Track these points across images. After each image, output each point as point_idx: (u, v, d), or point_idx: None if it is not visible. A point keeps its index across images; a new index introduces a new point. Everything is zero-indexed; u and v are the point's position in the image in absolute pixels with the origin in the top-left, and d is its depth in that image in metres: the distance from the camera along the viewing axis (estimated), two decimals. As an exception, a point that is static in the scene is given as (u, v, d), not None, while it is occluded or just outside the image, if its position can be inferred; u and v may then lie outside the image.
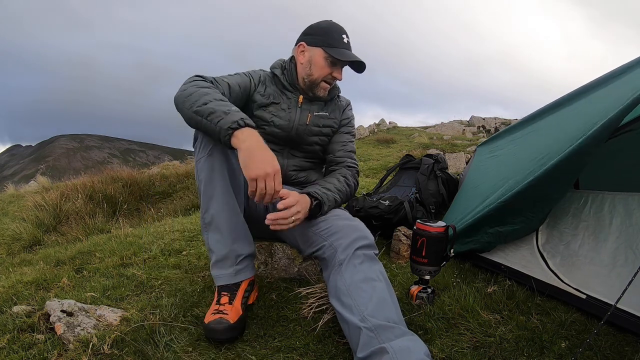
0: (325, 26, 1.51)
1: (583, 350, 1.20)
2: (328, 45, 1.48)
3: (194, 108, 1.24)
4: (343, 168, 1.59)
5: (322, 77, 1.51)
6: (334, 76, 1.52)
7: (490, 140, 2.91)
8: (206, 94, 1.27)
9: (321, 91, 1.55)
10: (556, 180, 1.55)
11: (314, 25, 1.53)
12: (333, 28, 1.50)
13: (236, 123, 1.17)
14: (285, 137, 1.57)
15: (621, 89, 1.58)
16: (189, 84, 1.33)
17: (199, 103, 1.24)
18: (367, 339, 1.07)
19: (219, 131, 1.18)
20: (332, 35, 1.49)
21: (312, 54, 1.51)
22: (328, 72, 1.50)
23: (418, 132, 10.88)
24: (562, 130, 1.80)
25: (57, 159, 67.20)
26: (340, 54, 1.48)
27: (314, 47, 1.50)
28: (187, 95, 1.28)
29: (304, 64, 1.53)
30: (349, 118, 1.68)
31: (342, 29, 1.51)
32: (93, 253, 2.14)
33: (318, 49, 1.49)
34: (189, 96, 1.27)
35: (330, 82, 1.54)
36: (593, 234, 1.65)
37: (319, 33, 1.50)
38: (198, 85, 1.31)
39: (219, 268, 1.36)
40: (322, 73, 1.50)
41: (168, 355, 1.19)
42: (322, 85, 1.54)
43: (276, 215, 1.24)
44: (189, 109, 1.25)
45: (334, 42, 1.48)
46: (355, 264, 1.21)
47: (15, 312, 1.37)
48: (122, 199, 4.99)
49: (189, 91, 1.29)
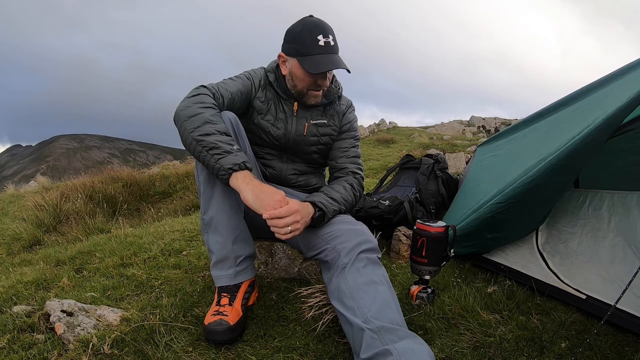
0: (298, 31, 1.38)
1: (583, 350, 1.20)
2: (301, 54, 1.37)
3: (195, 134, 1.22)
4: (350, 175, 1.52)
5: (306, 87, 1.43)
6: (318, 84, 1.42)
7: (491, 140, 2.90)
8: (210, 121, 1.24)
9: (312, 99, 1.47)
10: (555, 179, 1.55)
11: (290, 29, 1.41)
12: (306, 31, 1.36)
13: (237, 166, 1.18)
14: (282, 146, 1.55)
15: (621, 90, 1.58)
16: (192, 101, 1.28)
17: (202, 131, 1.22)
18: (371, 341, 1.06)
19: (218, 168, 1.19)
20: (305, 42, 1.36)
21: (291, 65, 1.42)
22: (311, 82, 1.41)
23: (418, 132, 10.88)
24: (562, 131, 1.80)
25: (57, 159, 67.22)
26: (313, 65, 1.35)
27: (291, 58, 1.41)
28: (189, 116, 1.25)
29: (287, 76, 1.46)
30: (350, 122, 1.60)
31: (317, 29, 1.36)
32: (93, 253, 2.14)
33: (294, 60, 1.39)
34: (191, 118, 1.24)
35: (318, 89, 1.45)
36: (592, 232, 1.65)
37: (293, 40, 1.39)
38: (203, 105, 1.28)
39: (219, 269, 1.36)
40: (304, 84, 1.42)
41: (168, 355, 1.19)
42: (311, 94, 1.45)
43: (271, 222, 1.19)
44: (190, 133, 1.23)
45: (308, 50, 1.35)
46: (358, 267, 1.20)
47: (15, 312, 1.37)
48: (122, 199, 4.99)
49: (191, 111, 1.25)
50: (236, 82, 1.47)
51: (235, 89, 1.44)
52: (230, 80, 1.46)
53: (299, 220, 1.21)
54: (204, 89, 1.35)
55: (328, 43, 1.36)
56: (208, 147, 1.20)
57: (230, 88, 1.42)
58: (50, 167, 51.21)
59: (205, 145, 1.21)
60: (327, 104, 1.56)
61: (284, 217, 1.18)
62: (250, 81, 1.50)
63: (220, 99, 1.37)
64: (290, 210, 1.19)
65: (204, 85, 1.37)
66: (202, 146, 1.21)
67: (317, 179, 1.68)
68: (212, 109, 1.28)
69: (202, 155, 1.22)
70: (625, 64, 1.77)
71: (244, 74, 1.52)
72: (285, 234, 1.19)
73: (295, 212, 1.20)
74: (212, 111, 1.28)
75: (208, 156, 1.20)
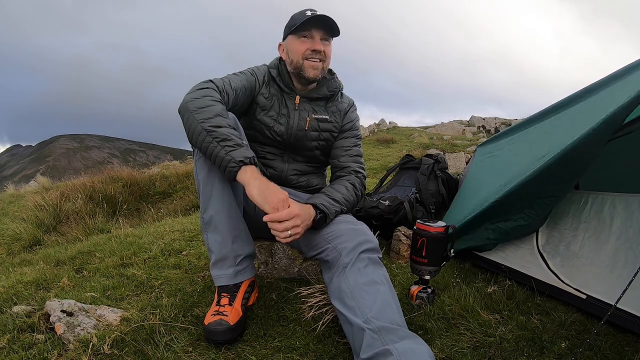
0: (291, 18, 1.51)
1: (583, 350, 1.20)
2: (293, 27, 1.45)
3: (206, 125, 1.22)
4: (352, 175, 1.53)
5: (302, 56, 1.46)
6: (313, 50, 1.45)
7: (491, 140, 2.90)
8: (221, 114, 1.26)
9: (310, 71, 1.47)
10: (556, 178, 1.55)
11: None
12: (297, 13, 1.49)
13: (249, 159, 1.20)
14: (285, 143, 1.56)
15: (622, 91, 1.58)
16: (201, 93, 1.30)
17: (213, 122, 1.23)
18: (371, 341, 1.06)
19: (229, 159, 1.19)
20: (295, 18, 1.47)
21: (287, 45, 1.51)
22: (305, 49, 1.45)
23: (418, 132, 10.87)
24: (563, 131, 1.80)
25: (57, 159, 67.19)
26: (302, 20, 1.42)
27: (286, 39, 1.51)
28: (200, 107, 1.25)
29: (286, 58, 1.52)
30: (352, 121, 1.62)
31: (307, 8, 1.47)
32: (93, 253, 2.14)
33: (289, 37, 1.49)
34: (202, 109, 1.25)
35: (313, 59, 1.47)
36: (593, 235, 1.65)
37: (287, 26, 1.51)
38: (212, 98, 1.29)
39: (218, 268, 1.36)
40: (299, 53, 1.46)
41: (168, 355, 1.19)
42: (306, 65, 1.46)
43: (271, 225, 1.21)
44: (200, 123, 1.23)
45: (297, 21, 1.44)
46: (359, 267, 1.20)
47: (15, 312, 1.37)
48: (122, 199, 4.99)
49: (202, 102, 1.26)
50: (240, 77, 1.48)
51: (240, 84, 1.45)
52: (234, 76, 1.48)
53: (299, 224, 1.22)
54: (211, 83, 1.36)
55: (315, 12, 1.43)
56: (220, 138, 1.21)
57: (235, 84, 1.43)
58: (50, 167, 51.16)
59: (217, 136, 1.21)
60: (329, 98, 1.58)
61: (284, 221, 1.19)
62: (254, 77, 1.52)
63: (226, 96, 1.38)
64: (291, 214, 1.20)
65: (211, 80, 1.38)
66: (213, 137, 1.21)
67: (319, 180, 1.68)
68: (221, 104, 1.31)
69: (211, 146, 1.22)
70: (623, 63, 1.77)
71: (247, 70, 1.54)
72: (284, 237, 1.20)
73: (295, 216, 1.21)
74: (222, 106, 1.30)
75: (218, 147, 1.20)
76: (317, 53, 1.46)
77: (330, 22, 1.43)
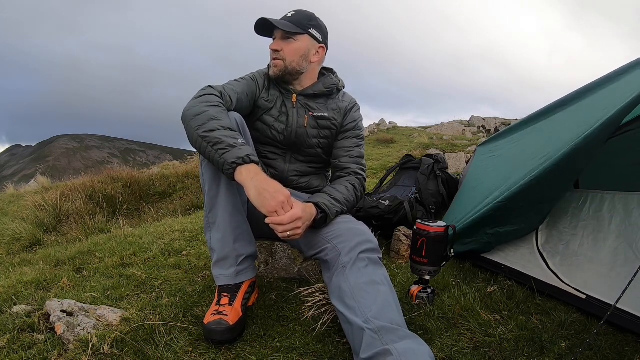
0: None
1: (583, 350, 1.20)
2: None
3: (200, 131, 1.24)
4: (352, 176, 1.53)
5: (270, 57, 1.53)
6: (271, 50, 1.51)
7: (491, 140, 2.91)
8: (215, 117, 1.26)
9: (271, 69, 1.53)
10: (556, 180, 1.55)
11: None
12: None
13: (241, 159, 1.18)
14: (286, 141, 1.56)
15: (621, 90, 1.58)
16: (198, 101, 1.32)
17: (206, 127, 1.24)
18: (371, 340, 1.06)
19: (222, 163, 1.19)
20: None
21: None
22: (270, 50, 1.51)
23: (418, 132, 10.87)
24: (563, 130, 1.80)
25: (57, 159, 67.17)
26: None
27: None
28: (195, 114, 1.27)
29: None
30: (355, 121, 1.61)
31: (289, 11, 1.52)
32: (93, 253, 2.14)
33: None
34: (197, 116, 1.26)
35: (273, 58, 1.51)
36: (593, 233, 1.65)
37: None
38: (208, 103, 1.30)
39: (219, 267, 1.36)
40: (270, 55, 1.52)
41: (168, 355, 1.19)
42: (271, 64, 1.53)
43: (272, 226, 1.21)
44: (195, 130, 1.25)
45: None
46: (359, 267, 1.21)
47: (15, 312, 1.37)
48: (122, 199, 4.99)
49: (197, 109, 1.28)
50: (241, 83, 1.50)
51: (241, 89, 1.47)
52: (235, 82, 1.50)
53: (300, 226, 1.22)
54: (210, 89, 1.37)
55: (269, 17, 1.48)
56: (212, 142, 1.21)
57: (237, 89, 1.45)
58: (50, 167, 51.14)
59: (210, 141, 1.22)
60: (328, 95, 1.59)
61: (286, 224, 1.19)
62: (255, 82, 1.54)
63: (228, 99, 1.39)
64: (293, 218, 1.20)
65: (210, 86, 1.39)
66: (207, 142, 1.22)
67: (320, 181, 1.68)
68: (217, 107, 1.31)
69: (207, 151, 1.23)
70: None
71: (248, 75, 1.55)
72: (284, 236, 1.22)
73: (297, 219, 1.21)
74: (217, 109, 1.30)
75: (213, 152, 1.21)
76: (274, 52, 1.50)
77: (268, 23, 1.46)
